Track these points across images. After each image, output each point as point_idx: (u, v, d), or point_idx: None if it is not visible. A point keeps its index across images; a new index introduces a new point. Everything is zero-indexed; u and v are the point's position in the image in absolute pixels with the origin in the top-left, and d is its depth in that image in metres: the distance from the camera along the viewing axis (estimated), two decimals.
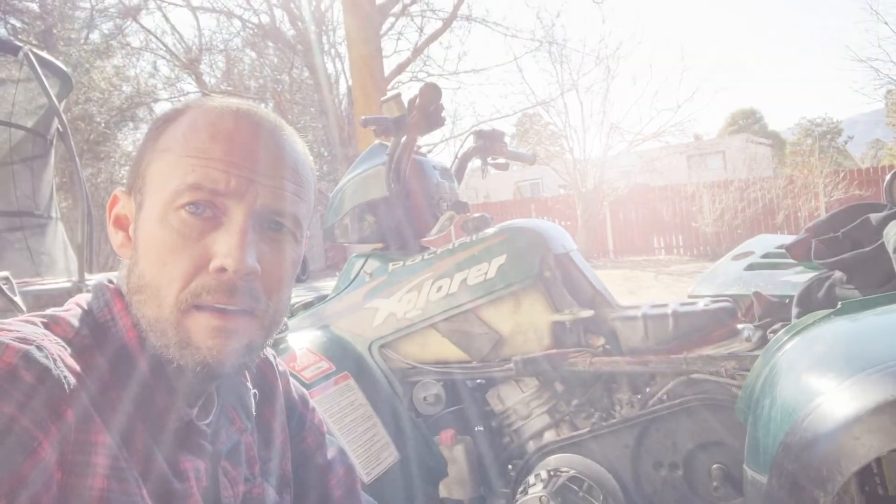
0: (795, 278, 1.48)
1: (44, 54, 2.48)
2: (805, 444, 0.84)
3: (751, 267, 1.62)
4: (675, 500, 1.37)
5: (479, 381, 1.67)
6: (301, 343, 1.52)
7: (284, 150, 0.65)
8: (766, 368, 1.06)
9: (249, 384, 0.75)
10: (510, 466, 1.56)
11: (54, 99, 2.36)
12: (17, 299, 1.50)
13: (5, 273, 1.52)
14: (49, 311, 0.61)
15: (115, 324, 0.62)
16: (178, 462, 0.62)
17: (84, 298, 0.66)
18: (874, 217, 1.20)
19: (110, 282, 0.66)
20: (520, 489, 1.39)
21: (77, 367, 0.55)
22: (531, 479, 1.39)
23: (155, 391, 0.61)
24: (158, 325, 0.60)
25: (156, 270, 0.60)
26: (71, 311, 0.62)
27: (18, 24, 11.73)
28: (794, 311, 1.27)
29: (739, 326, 1.41)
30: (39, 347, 0.53)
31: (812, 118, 34.06)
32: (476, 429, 1.62)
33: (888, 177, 1.64)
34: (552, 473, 1.38)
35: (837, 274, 1.23)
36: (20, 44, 2.29)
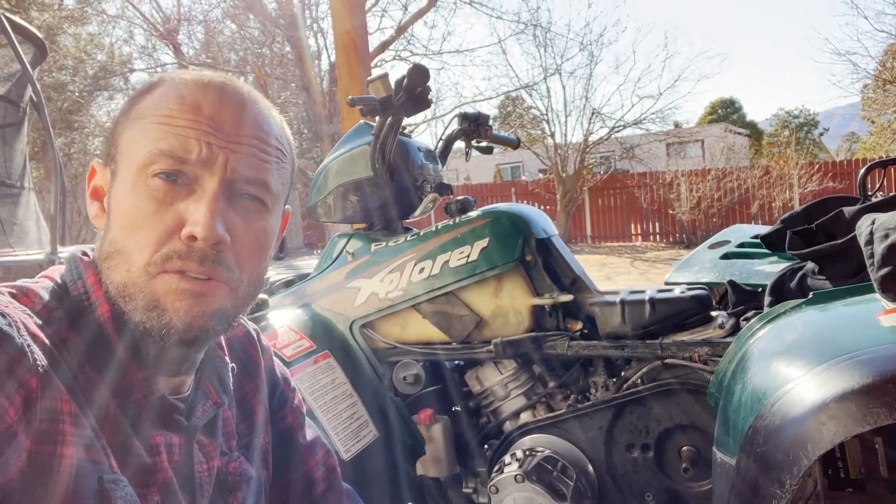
0: (769, 268, 1.52)
1: (18, 19, 2.41)
2: (773, 429, 0.87)
3: (726, 256, 1.66)
4: (646, 481, 1.41)
5: (458, 362, 1.69)
6: (282, 321, 1.52)
7: (256, 119, 0.65)
8: (738, 355, 1.09)
9: (227, 358, 0.75)
10: (486, 446, 1.59)
11: (28, 66, 2.30)
12: None
13: None
14: (18, 283, 0.61)
15: (88, 297, 0.61)
16: (149, 436, 0.61)
17: (57, 271, 0.65)
18: (847, 210, 1.23)
19: (84, 254, 0.66)
20: (496, 468, 1.42)
21: (42, 336, 0.55)
22: (507, 458, 1.41)
23: (126, 365, 0.60)
24: (126, 289, 0.59)
25: (127, 236, 0.59)
26: (41, 284, 0.62)
27: None
28: (767, 299, 1.30)
29: (713, 314, 1.45)
30: (3, 315, 0.52)
31: (789, 110, 34.48)
32: (454, 409, 1.64)
33: (861, 171, 1.68)
34: (528, 453, 1.41)
35: (810, 265, 1.26)
36: None
